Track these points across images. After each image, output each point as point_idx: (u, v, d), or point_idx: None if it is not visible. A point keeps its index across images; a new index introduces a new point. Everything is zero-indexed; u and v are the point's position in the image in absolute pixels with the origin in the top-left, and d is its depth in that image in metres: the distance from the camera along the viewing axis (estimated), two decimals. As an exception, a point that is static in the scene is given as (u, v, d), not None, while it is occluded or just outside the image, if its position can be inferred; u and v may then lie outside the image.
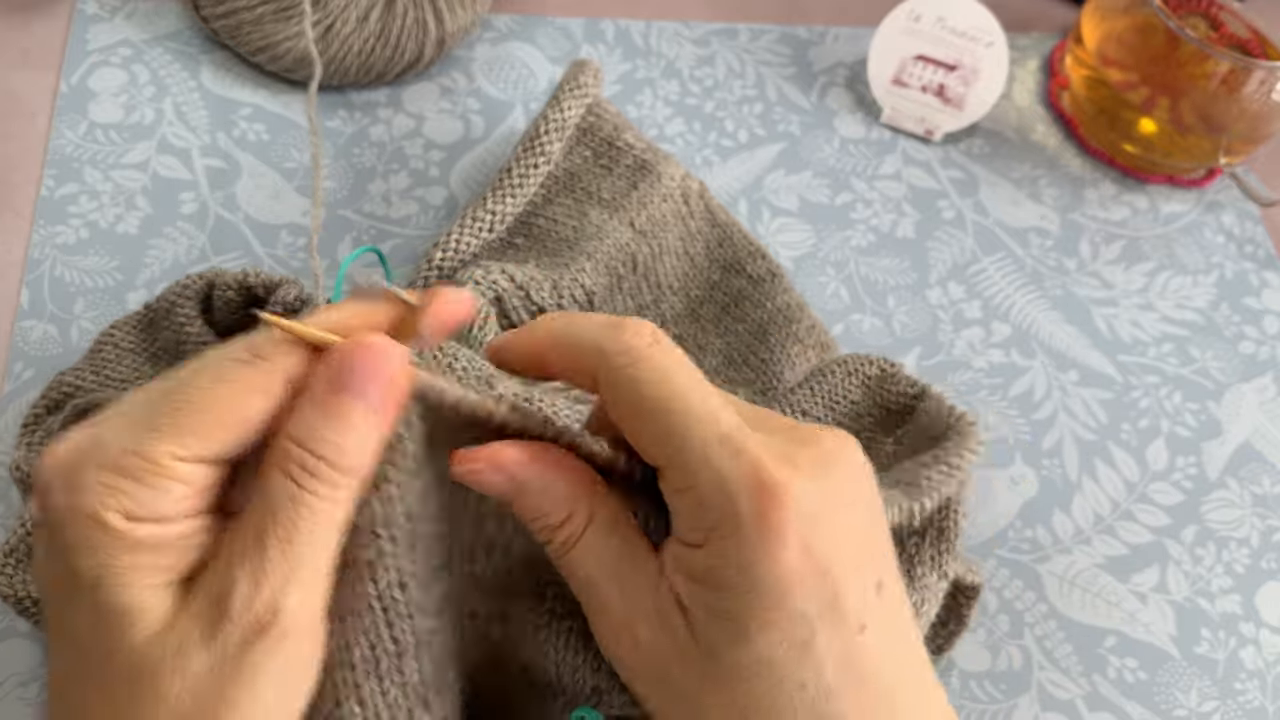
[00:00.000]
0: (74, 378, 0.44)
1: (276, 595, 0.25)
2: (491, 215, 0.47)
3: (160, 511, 0.26)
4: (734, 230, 0.51)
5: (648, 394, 0.28)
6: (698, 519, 0.27)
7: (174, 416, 0.26)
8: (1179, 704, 0.46)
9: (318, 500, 0.26)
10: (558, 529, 0.29)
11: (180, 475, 0.26)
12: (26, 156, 0.53)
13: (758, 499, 0.26)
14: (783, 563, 0.26)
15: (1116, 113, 0.60)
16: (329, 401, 0.27)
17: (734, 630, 0.27)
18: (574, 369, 0.30)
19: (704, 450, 0.27)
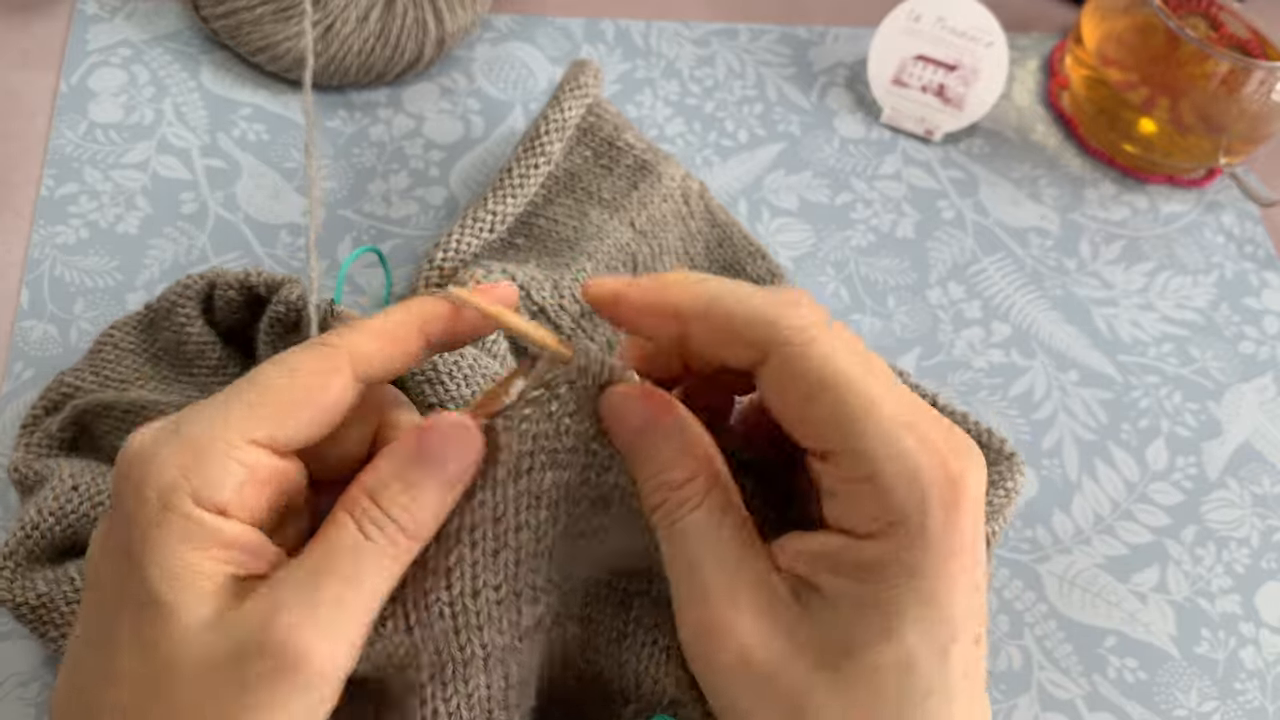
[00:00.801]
0: (74, 378, 0.44)
1: (314, 640, 0.25)
2: (492, 215, 0.47)
3: (223, 499, 0.26)
4: (734, 230, 0.51)
5: (828, 373, 0.26)
6: (877, 509, 0.25)
7: (245, 400, 0.27)
8: (1179, 704, 0.46)
9: (380, 555, 0.27)
10: (677, 488, 0.28)
11: (248, 458, 0.26)
12: (26, 156, 0.53)
13: (948, 493, 0.25)
14: (955, 562, 0.25)
15: (1116, 113, 0.60)
16: (410, 471, 0.27)
17: (882, 627, 0.25)
18: (726, 339, 0.27)
19: (891, 437, 0.25)
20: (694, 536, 0.28)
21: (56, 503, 0.39)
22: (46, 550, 0.39)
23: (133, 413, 0.42)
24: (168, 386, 0.45)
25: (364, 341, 0.28)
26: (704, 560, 0.27)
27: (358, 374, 0.28)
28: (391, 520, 0.27)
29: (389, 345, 0.29)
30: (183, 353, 0.45)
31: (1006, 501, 0.41)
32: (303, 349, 0.28)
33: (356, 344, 0.28)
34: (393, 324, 0.29)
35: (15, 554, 0.38)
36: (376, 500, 0.27)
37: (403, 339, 0.29)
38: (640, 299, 0.28)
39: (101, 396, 0.42)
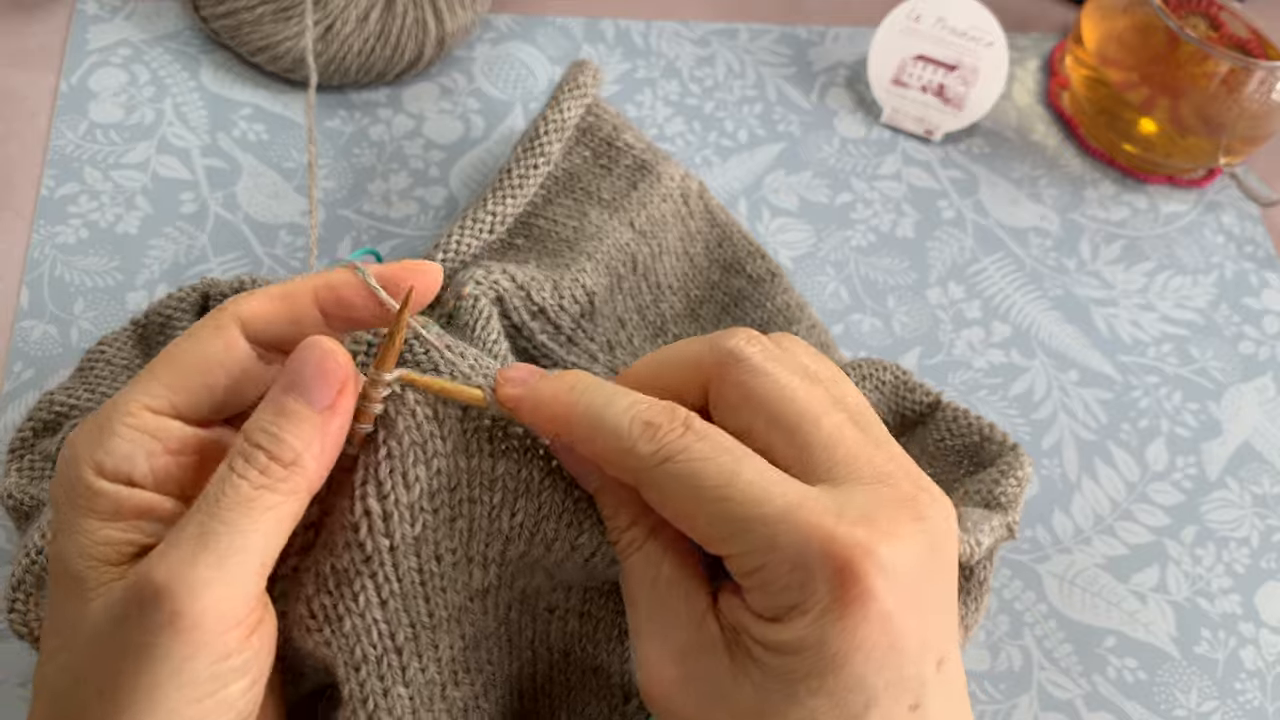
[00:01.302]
0: (65, 396, 0.43)
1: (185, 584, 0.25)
2: (492, 216, 0.47)
3: (128, 468, 0.26)
4: (733, 230, 0.51)
5: (689, 488, 0.27)
6: (772, 599, 0.26)
7: (145, 371, 0.28)
8: (1179, 704, 0.46)
9: (248, 486, 0.26)
10: (623, 531, 0.29)
11: (151, 426, 0.27)
12: (26, 156, 0.53)
13: (836, 577, 0.25)
14: (858, 638, 0.25)
15: (1116, 113, 0.60)
16: (276, 398, 0.27)
17: (789, 691, 0.26)
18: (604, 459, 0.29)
19: (766, 535, 0.26)
20: (634, 577, 0.29)
21: None
22: None
23: None
24: None
25: (253, 303, 0.29)
26: (640, 601, 0.29)
27: (247, 333, 0.29)
28: (259, 448, 0.27)
29: (279, 305, 0.29)
30: None
31: (1019, 489, 0.41)
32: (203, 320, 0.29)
33: (246, 305, 0.29)
34: (286, 287, 0.30)
35: (24, 583, 0.37)
36: (248, 436, 0.27)
37: (294, 300, 0.29)
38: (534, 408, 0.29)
39: None
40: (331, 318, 0.30)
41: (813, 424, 0.28)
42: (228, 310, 0.29)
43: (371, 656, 0.29)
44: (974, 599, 0.41)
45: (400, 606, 0.29)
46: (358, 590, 0.29)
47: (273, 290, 0.30)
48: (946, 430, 0.45)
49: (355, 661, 0.29)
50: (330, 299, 0.30)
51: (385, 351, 0.29)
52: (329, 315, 0.30)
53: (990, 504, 0.41)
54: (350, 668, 0.29)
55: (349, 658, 0.29)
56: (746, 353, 0.29)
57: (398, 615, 0.29)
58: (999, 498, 0.41)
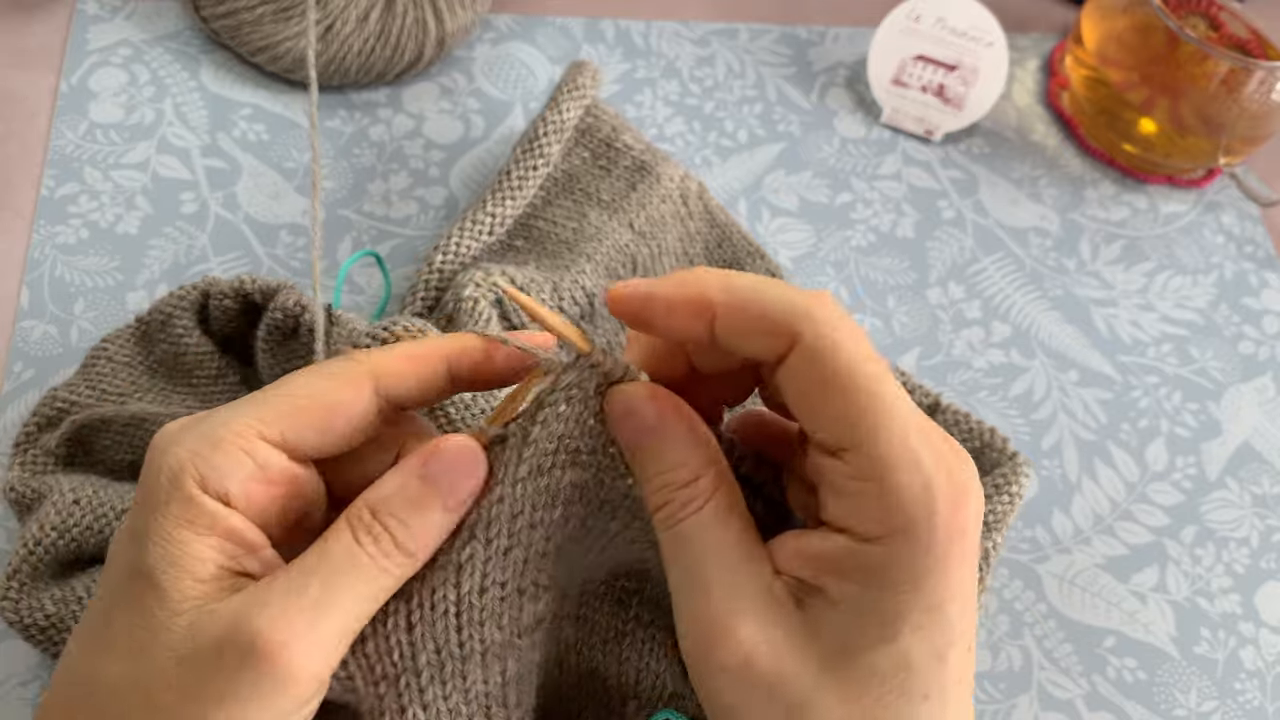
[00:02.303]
0: (68, 393, 0.43)
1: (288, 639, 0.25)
2: (491, 218, 0.47)
3: (227, 488, 0.26)
4: (733, 231, 0.51)
5: (852, 370, 0.26)
6: (884, 514, 0.25)
7: (264, 399, 0.28)
8: (1179, 704, 0.46)
9: (373, 566, 0.27)
10: (682, 488, 0.28)
11: (259, 453, 0.27)
12: (26, 156, 0.53)
13: (956, 507, 0.25)
14: (956, 572, 0.25)
15: (1116, 113, 0.60)
16: (414, 487, 0.28)
17: (882, 630, 0.26)
18: (756, 329, 0.27)
19: (907, 443, 0.25)
20: (697, 538, 0.28)
21: (59, 517, 0.38)
22: (50, 566, 0.39)
23: (134, 426, 0.42)
24: (167, 398, 0.45)
25: (388, 360, 0.29)
26: (707, 562, 0.27)
27: (379, 389, 0.29)
28: (388, 533, 0.27)
29: (413, 367, 0.29)
30: (181, 364, 0.45)
31: (1010, 509, 0.41)
32: (329, 362, 0.29)
33: (380, 361, 0.29)
34: (422, 349, 0.30)
35: (19, 572, 0.38)
36: (376, 513, 0.27)
37: (428, 364, 0.29)
38: (674, 293, 0.28)
39: (101, 411, 0.42)
40: (460, 382, 0.30)
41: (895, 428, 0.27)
42: (366, 365, 0.29)
43: (390, 674, 0.29)
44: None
45: (428, 633, 0.29)
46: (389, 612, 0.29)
47: (403, 349, 0.30)
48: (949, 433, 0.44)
49: (374, 678, 0.29)
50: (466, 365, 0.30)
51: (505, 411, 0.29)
52: (457, 379, 0.30)
53: None
54: (369, 684, 0.29)
55: (368, 675, 0.29)
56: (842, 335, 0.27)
57: (423, 640, 0.29)
58: (985, 518, 0.40)
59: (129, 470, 0.42)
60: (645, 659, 0.35)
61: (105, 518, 0.39)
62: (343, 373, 0.28)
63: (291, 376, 0.29)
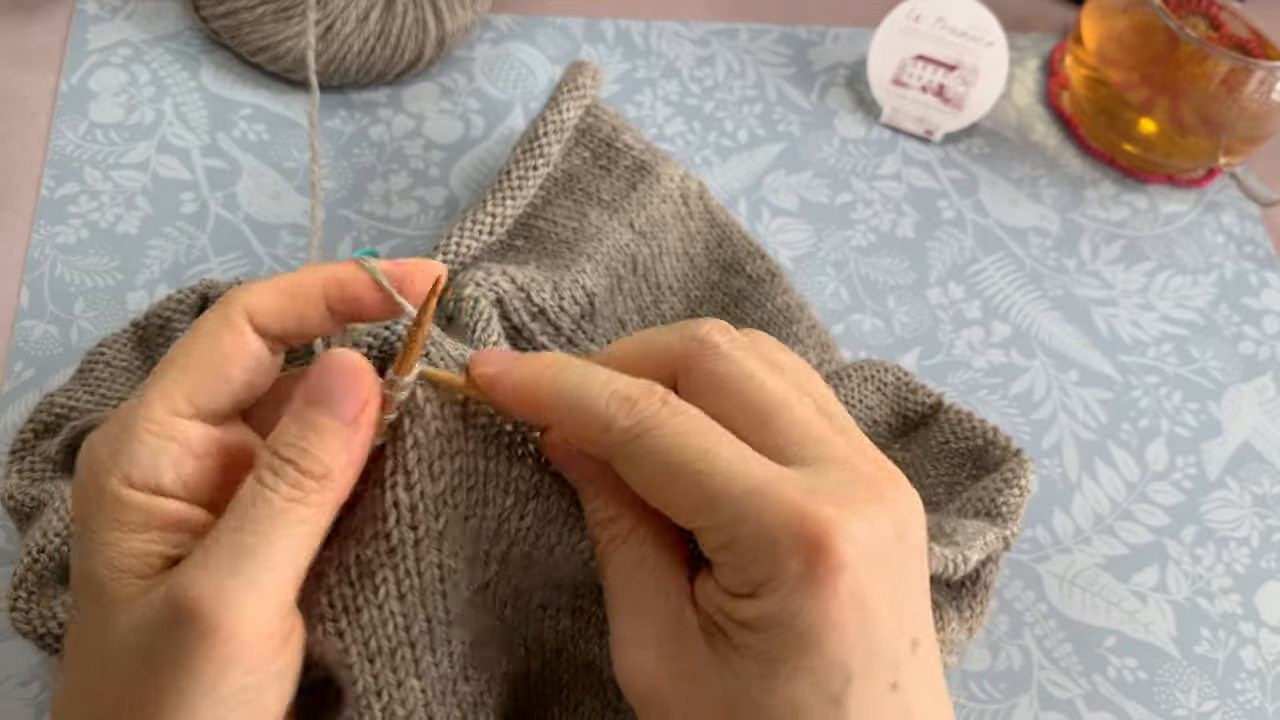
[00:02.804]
0: (65, 399, 0.43)
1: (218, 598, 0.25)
2: (491, 218, 0.47)
3: (157, 477, 0.26)
4: (733, 230, 0.51)
5: (664, 462, 0.27)
6: (742, 574, 0.26)
7: (159, 373, 0.28)
8: (1179, 704, 0.46)
9: (279, 499, 0.26)
10: (606, 524, 0.29)
11: (174, 431, 0.27)
12: (26, 156, 0.53)
13: (807, 550, 0.25)
14: (830, 613, 0.26)
15: (1116, 113, 0.60)
16: (301, 412, 0.28)
17: (767, 671, 0.26)
18: (578, 435, 0.29)
19: (738, 508, 0.26)
20: (616, 571, 0.29)
21: (61, 523, 0.38)
22: (56, 573, 0.38)
23: None
24: None
25: (260, 295, 0.29)
26: (621, 598, 0.29)
27: (257, 326, 0.29)
28: (289, 462, 0.27)
29: (286, 300, 0.29)
30: None
31: (1021, 500, 0.41)
32: (205, 315, 0.29)
33: (251, 297, 0.29)
34: (291, 280, 0.29)
35: (25, 581, 0.37)
36: (275, 450, 0.27)
37: (302, 295, 0.29)
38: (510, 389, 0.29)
39: (101, 417, 0.42)
40: (338, 313, 0.30)
41: (780, 409, 0.28)
42: (235, 303, 0.29)
43: (386, 649, 0.29)
44: (979, 601, 0.41)
45: (418, 600, 0.29)
46: (379, 582, 0.29)
47: (278, 284, 0.29)
48: (951, 433, 0.45)
49: (370, 653, 0.29)
50: (338, 295, 0.30)
51: (407, 355, 0.29)
52: (335, 311, 0.30)
53: (991, 513, 0.41)
54: (365, 659, 0.29)
55: (363, 649, 0.29)
56: (715, 340, 0.29)
57: (415, 609, 0.29)
58: (1000, 507, 0.41)
59: None
60: None
61: None
62: (218, 321, 0.28)
63: (175, 345, 0.28)
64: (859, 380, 0.45)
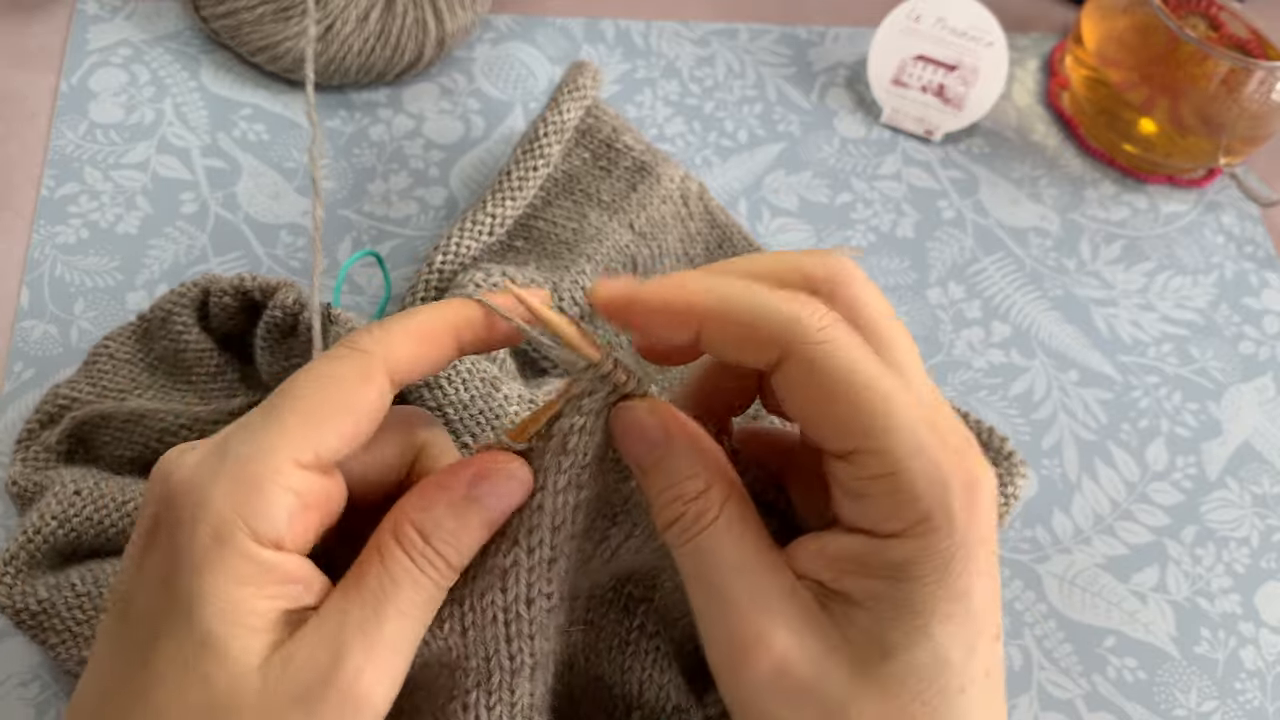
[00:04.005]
0: (70, 390, 0.44)
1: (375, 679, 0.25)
2: (491, 218, 0.47)
3: (280, 534, 0.25)
4: (734, 231, 0.51)
5: (849, 371, 0.25)
6: (901, 508, 0.25)
7: (286, 419, 0.26)
8: (1179, 704, 0.46)
9: (431, 585, 0.27)
10: (693, 501, 0.27)
11: (300, 485, 0.26)
12: (26, 156, 0.53)
13: (970, 492, 0.25)
14: (978, 559, 0.25)
15: (1116, 113, 0.60)
16: (462, 510, 0.27)
17: (913, 624, 0.25)
18: (743, 338, 0.26)
19: (915, 435, 0.25)
20: (715, 550, 0.27)
21: (59, 506, 0.38)
22: (49, 555, 0.39)
23: (133, 422, 0.42)
24: (166, 395, 0.45)
25: (398, 345, 0.28)
26: (729, 573, 0.27)
27: (392, 378, 0.27)
28: (441, 557, 0.27)
29: (422, 348, 0.28)
30: (181, 360, 0.45)
31: (1005, 509, 0.41)
32: (334, 356, 0.27)
33: (391, 348, 0.27)
34: (427, 327, 0.28)
35: (16, 559, 0.38)
36: (429, 538, 0.27)
37: (436, 342, 0.28)
38: (656, 299, 0.27)
39: (100, 407, 0.42)
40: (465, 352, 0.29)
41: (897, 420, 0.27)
42: (376, 356, 0.27)
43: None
44: None
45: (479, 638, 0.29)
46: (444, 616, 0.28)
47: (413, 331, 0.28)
48: None
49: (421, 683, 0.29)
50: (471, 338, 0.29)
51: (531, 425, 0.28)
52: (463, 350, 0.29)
53: None
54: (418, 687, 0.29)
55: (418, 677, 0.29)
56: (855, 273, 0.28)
57: (475, 645, 0.29)
58: None
59: (129, 465, 0.42)
60: (649, 670, 0.35)
61: (105, 509, 0.39)
62: (356, 371, 0.27)
63: (302, 382, 0.27)
64: None
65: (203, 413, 0.42)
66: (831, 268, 0.28)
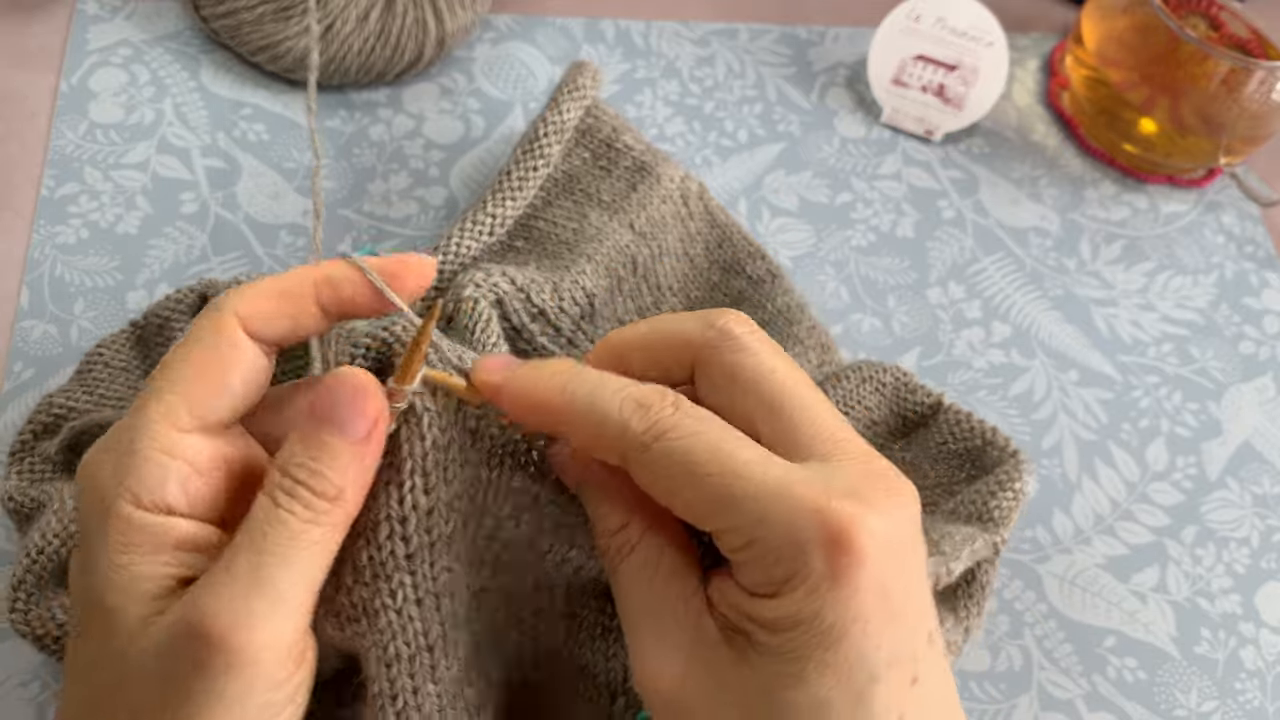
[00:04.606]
0: (64, 399, 0.43)
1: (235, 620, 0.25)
2: (491, 219, 0.47)
3: (166, 497, 0.26)
4: (734, 231, 0.51)
5: (682, 464, 0.27)
6: (765, 574, 0.26)
7: (158, 388, 0.27)
8: (1179, 704, 0.46)
9: (296, 521, 0.26)
10: (614, 535, 0.29)
11: (179, 447, 0.26)
12: (26, 156, 0.53)
13: (829, 547, 0.25)
14: (854, 608, 0.26)
15: (1116, 113, 0.60)
16: (311, 433, 0.27)
17: (792, 670, 0.26)
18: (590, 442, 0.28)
19: (760, 509, 0.26)
20: (628, 581, 0.29)
21: (60, 524, 0.38)
22: (54, 574, 0.38)
23: None
24: None
25: (252, 299, 0.28)
26: (637, 606, 0.28)
27: (250, 331, 0.28)
28: (301, 484, 0.27)
29: (277, 302, 0.29)
30: None
31: (1014, 505, 0.41)
32: (196, 322, 0.28)
33: (244, 302, 0.28)
34: (281, 281, 0.29)
35: (24, 582, 0.37)
36: (285, 470, 0.27)
37: (293, 296, 0.29)
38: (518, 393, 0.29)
39: (99, 417, 0.42)
40: (330, 313, 0.30)
41: (798, 403, 0.28)
42: (225, 308, 0.28)
43: (405, 654, 0.29)
44: (975, 602, 0.41)
45: (434, 606, 0.29)
46: (395, 586, 0.29)
47: (269, 286, 0.29)
48: (949, 434, 0.45)
49: (388, 658, 0.29)
50: (331, 295, 0.29)
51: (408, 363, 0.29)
52: (328, 311, 0.30)
53: (983, 517, 0.41)
54: (382, 664, 0.29)
55: (382, 654, 0.29)
56: (736, 331, 0.29)
57: (431, 614, 0.29)
58: (992, 512, 0.41)
59: None
60: None
61: None
62: (209, 327, 0.28)
63: (169, 355, 0.28)
64: (857, 381, 0.45)
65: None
66: (709, 337, 0.29)
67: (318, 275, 0.29)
